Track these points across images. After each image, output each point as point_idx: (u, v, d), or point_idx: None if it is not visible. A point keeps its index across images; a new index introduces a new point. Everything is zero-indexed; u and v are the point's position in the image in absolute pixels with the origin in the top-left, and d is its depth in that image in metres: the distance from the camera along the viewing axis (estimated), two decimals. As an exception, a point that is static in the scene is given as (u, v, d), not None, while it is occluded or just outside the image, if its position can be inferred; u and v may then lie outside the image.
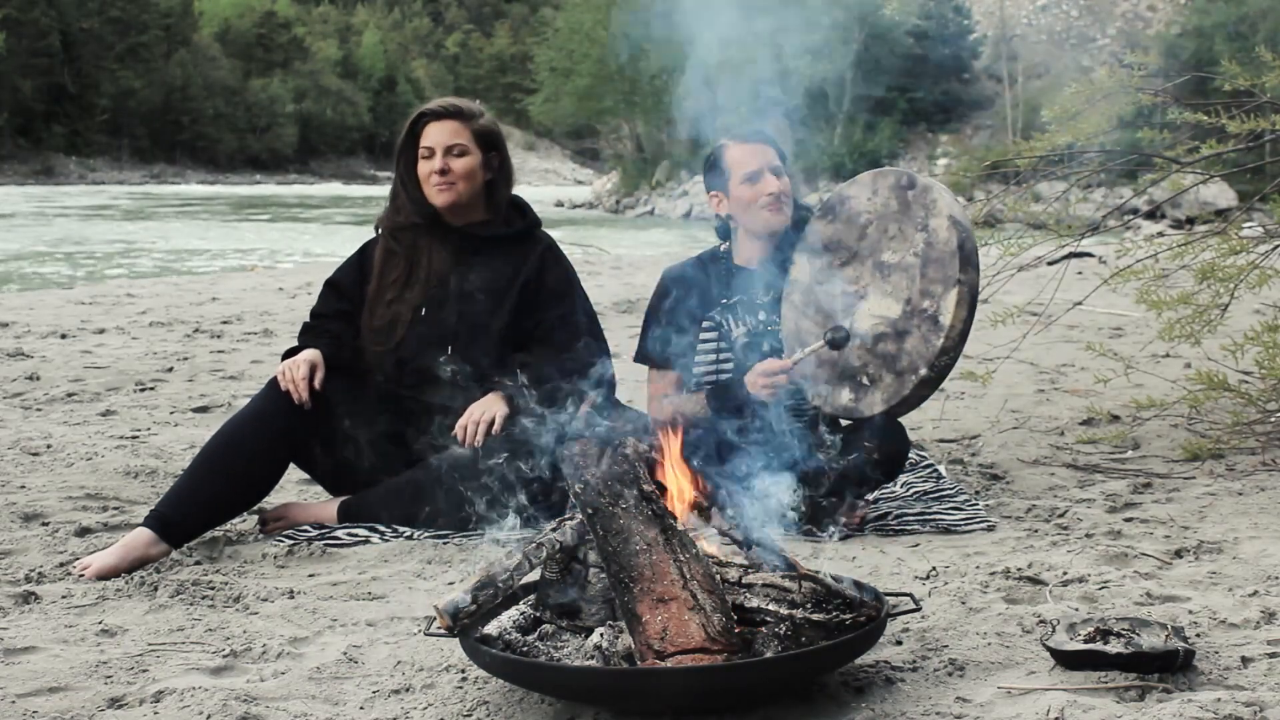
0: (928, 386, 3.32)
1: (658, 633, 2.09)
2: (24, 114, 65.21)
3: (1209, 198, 24.51)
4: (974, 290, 3.30)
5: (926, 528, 3.38)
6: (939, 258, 3.29)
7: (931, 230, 3.32)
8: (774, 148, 3.62)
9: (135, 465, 4.02)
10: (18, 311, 8.82)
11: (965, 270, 3.26)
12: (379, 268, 3.60)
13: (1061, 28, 52.28)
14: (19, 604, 2.78)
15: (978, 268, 3.33)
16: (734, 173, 3.58)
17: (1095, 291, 4.95)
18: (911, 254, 3.34)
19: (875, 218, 3.45)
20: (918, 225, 3.35)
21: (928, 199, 3.36)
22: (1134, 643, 2.20)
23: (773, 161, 3.58)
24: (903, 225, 3.39)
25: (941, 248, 3.29)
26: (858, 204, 3.50)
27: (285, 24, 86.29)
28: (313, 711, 2.17)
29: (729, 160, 3.60)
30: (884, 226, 3.43)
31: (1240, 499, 3.60)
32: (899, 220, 3.40)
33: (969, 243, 3.30)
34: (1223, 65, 4.55)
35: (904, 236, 3.38)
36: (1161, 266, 4.54)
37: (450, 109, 3.56)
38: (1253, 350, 4.47)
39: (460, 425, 3.40)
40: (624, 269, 13.27)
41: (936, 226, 3.31)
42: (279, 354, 4.09)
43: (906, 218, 3.39)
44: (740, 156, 3.59)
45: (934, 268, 3.29)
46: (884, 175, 3.52)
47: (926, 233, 3.33)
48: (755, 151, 3.58)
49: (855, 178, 3.59)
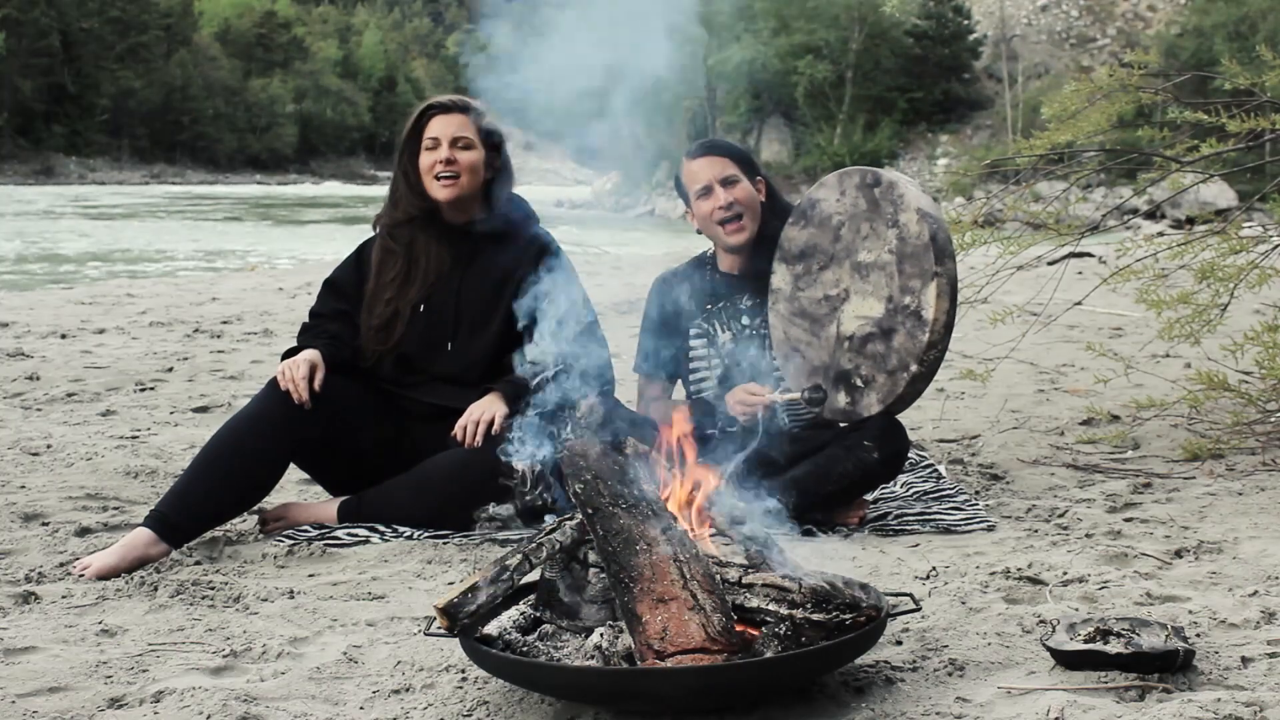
0: (921, 382, 3.32)
1: (658, 633, 2.08)
2: (24, 114, 65.16)
3: (1209, 197, 24.53)
4: (953, 280, 3.27)
5: (926, 528, 3.38)
6: (913, 252, 3.27)
7: (902, 225, 3.30)
8: (730, 157, 3.60)
9: (135, 465, 4.02)
10: (18, 311, 8.82)
11: (941, 262, 3.25)
12: (377, 266, 3.60)
13: (1061, 28, 52.25)
14: (19, 604, 2.78)
15: (953, 257, 3.30)
16: (690, 189, 3.59)
17: (1095, 291, 4.95)
18: (887, 251, 3.33)
19: (846, 218, 3.44)
20: (888, 222, 3.34)
21: (894, 194, 3.34)
22: (1134, 643, 2.20)
23: (724, 173, 3.55)
24: (874, 223, 3.37)
25: (914, 242, 3.28)
26: (828, 206, 3.49)
27: (285, 24, 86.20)
28: (313, 711, 2.17)
29: (685, 176, 3.61)
30: (856, 226, 3.41)
31: (1240, 499, 3.60)
32: (870, 219, 3.38)
33: (941, 233, 3.28)
34: (1223, 65, 4.55)
35: (877, 234, 3.36)
36: (1161, 266, 4.54)
37: (459, 103, 3.57)
38: (1253, 350, 4.47)
39: (460, 425, 3.40)
40: (624, 269, 13.26)
41: (906, 221, 3.30)
42: (279, 354, 4.08)
43: (877, 215, 3.37)
44: (692, 171, 3.59)
45: (910, 263, 3.28)
46: (849, 175, 3.50)
47: (898, 228, 3.31)
48: (704, 165, 3.57)
49: (821, 180, 3.57)
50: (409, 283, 3.55)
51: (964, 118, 47.55)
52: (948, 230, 3.35)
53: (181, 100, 72.96)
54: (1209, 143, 4.46)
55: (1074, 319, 6.86)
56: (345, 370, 3.49)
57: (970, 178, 5.83)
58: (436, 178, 3.51)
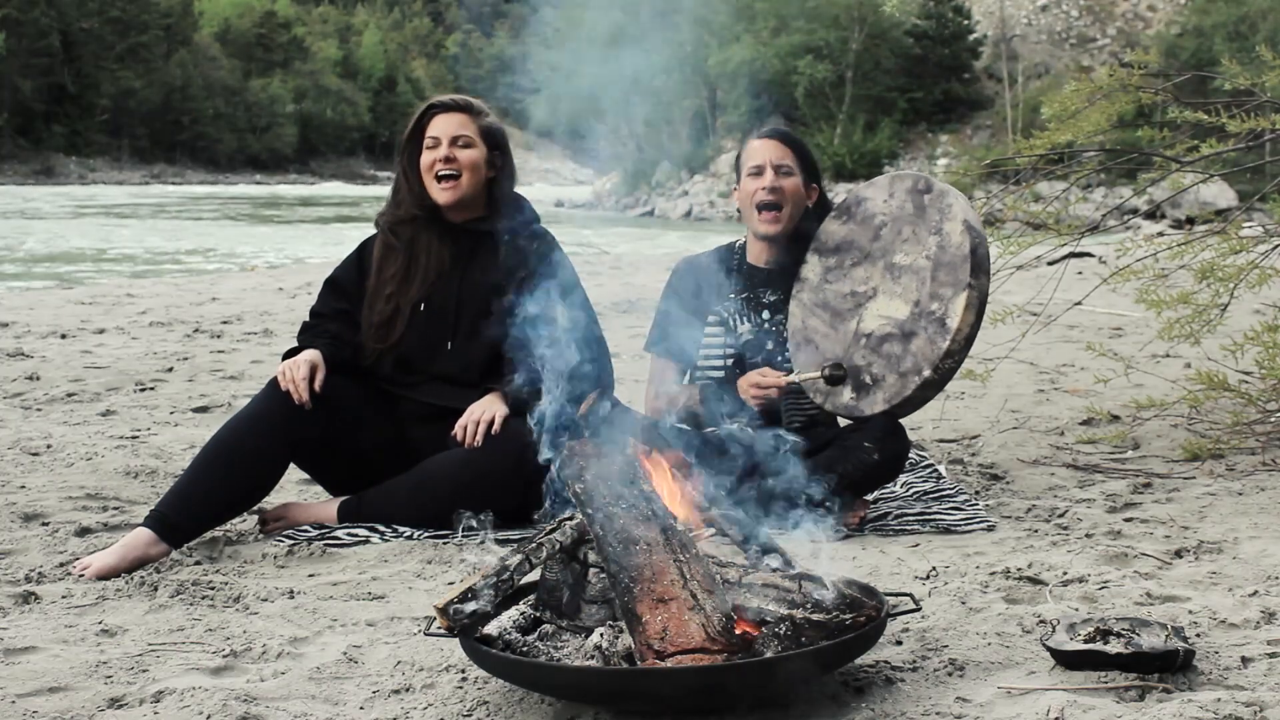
0: (931, 388, 3.32)
1: (658, 633, 2.08)
2: (24, 114, 65.13)
3: (1209, 197, 24.52)
4: (983, 296, 3.30)
5: (926, 528, 3.38)
6: (950, 261, 3.29)
7: (945, 234, 3.33)
8: (793, 148, 3.63)
9: (135, 465, 4.02)
10: (18, 311, 8.82)
11: (976, 275, 3.27)
12: (378, 263, 3.60)
13: (1061, 28, 52.24)
14: (19, 604, 2.78)
15: (989, 274, 3.34)
16: (744, 165, 3.62)
17: (1095, 291, 4.95)
18: (924, 257, 3.35)
19: (890, 220, 3.47)
20: (932, 229, 3.36)
21: (943, 203, 3.38)
22: (1134, 643, 2.20)
23: (781, 160, 3.58)
24: (917, 228, 3.40)
25: (954, 252, 3.30)
26: (873, 205, 3.52)
27: (285, 24, 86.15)
28: (313, 711, 2.17)
29: (745, 153, 3.65)
30: (898, 229, 3.44)
31: (1240, 499, 3.60)
32: (914, 223, 3.41)
33: (981, 248, 3.30)
34: (1223, 65, 4.55)
35: (917, 239, 3.39)
36: (1161, 266, 4.54)
37: (460, 102, 3.57)
38: (1253, 350, 4.47)
39: (460, 425, 3.40)
40: (624, 269, 13.27)
41: (950, 231, 3.32)
42: (279, 354, 4.09)
43: (921, 221, 3.40)
44: (753, 148, 3.64)
45: (945, 271, 3.30)
46: (901, 179, 3.53)
47: (940, 236, 3.33)
48: (766, 146, 3.61)
49: (873, 180, 3.62)
50: (409, 280, 3.55)
51: (964, 118, 47.54)
52: (988, 248, 3.39)
53: (181, 100, 72.93)
54: (1209, 143, 4.46)
55: (1074, 319, 6.87)
56: (345, 370, 3.49)
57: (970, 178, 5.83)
58: (437, 178, 3.51)
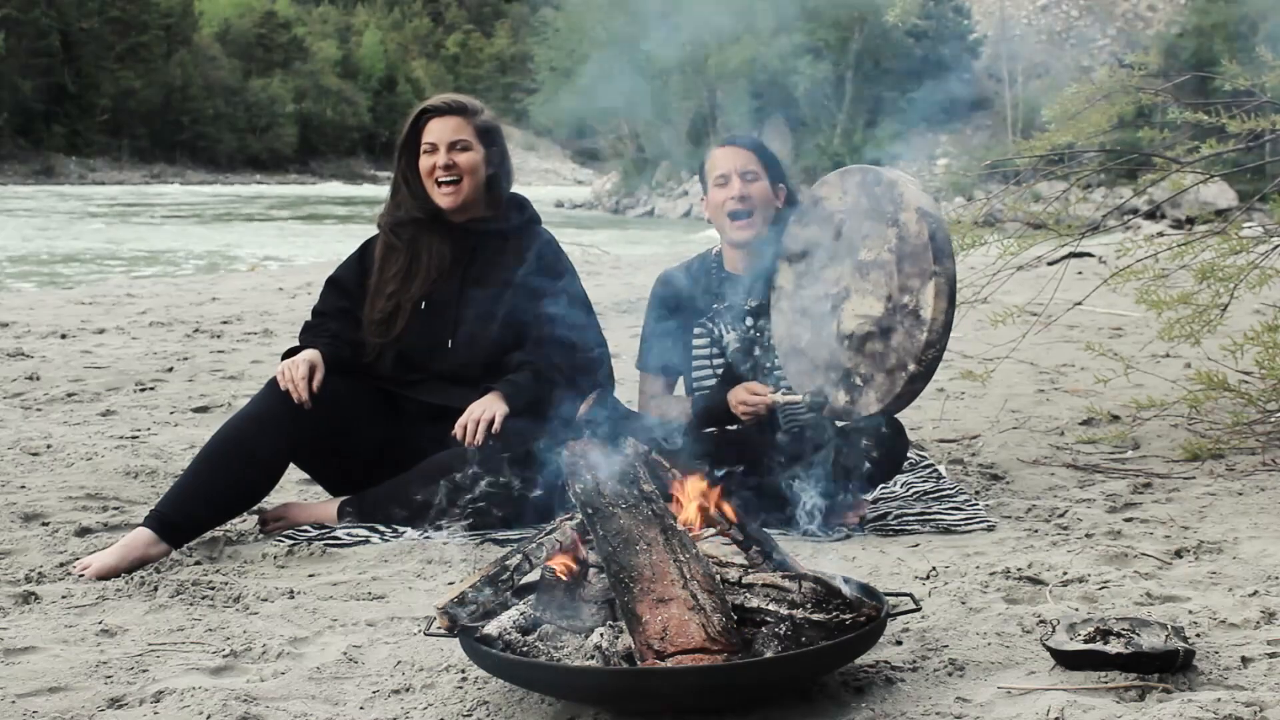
0: (919, 381, 3.31)
1: (658, 633, 2.08)
2: (24, 114, 65.15)
3: (1209, 198, 24.48)
4: (951, 280, 3.25)
5: (926, 528, 3.38)
6: (913, 251, 3.26)
7: (902, 224, 3.29)
8: (756, 152, 3.61)
9: (135, 465, 4.02)
10: (18, 311, 8.82)
11: (940, 261, 3.23)
12: (380, 262, 3.60)
13: (1061, 28, 52.26)
14: (19, 604, 2.78)
15: (952, 256, 3.27)
16: (710, 176, 3.60)
17: (1095, 291, 4.94)
18: (886, 250, 3.31)
19: (848, 217, 3.42)
20: (888, 220, 3.32)
21: (894, 193, 3.32)
22: (1134, 643, 2.20)
23: (745, 167, 3.56)
24: (874, 222, 3.35)
25: (914, 241, 3.26)
26: (830, 204, 3.48)
27: (285, 24, 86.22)
28: (313, 711, 2.17)
29: (708, 163, 3.63)
30: (857, 225, 3.40)
31: (1240, 499, 3.60)
32: (870, 217, 3.37)
33: (940, 232, 3.26)
34: (1223, 65, 4.55)
35: (877, 233, 3.35)
36: (1161, 266, 4.54)
37: (454, 105, 3.57)
38: (1253, 350, 4.47)
39: (460, 424, 3.40)
40: (624, 269, 13.27)
41: (906, 220, 3.28)
42: (279, 354, 4.09)
43: (877, 214, 3.35)
44: (715, 158, 3.61)
45: (909, 262, 3.27)
46: (850, 173, 3.49)
47: (898, 227, 3.29)
48: (728, 155, 3.59)
49: (823, 178, 3.55)
50: (411, 278, 3.56)
51: (964, 118, 47.52)
52: (947, 229, 3.33)
53: (181, 100, 72.96)
54: (1209, 143, 4.46)
55: (1074, 319, 6.86)
56: (346, 370, 3.49)
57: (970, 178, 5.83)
58: (438, 184, 3.52)
